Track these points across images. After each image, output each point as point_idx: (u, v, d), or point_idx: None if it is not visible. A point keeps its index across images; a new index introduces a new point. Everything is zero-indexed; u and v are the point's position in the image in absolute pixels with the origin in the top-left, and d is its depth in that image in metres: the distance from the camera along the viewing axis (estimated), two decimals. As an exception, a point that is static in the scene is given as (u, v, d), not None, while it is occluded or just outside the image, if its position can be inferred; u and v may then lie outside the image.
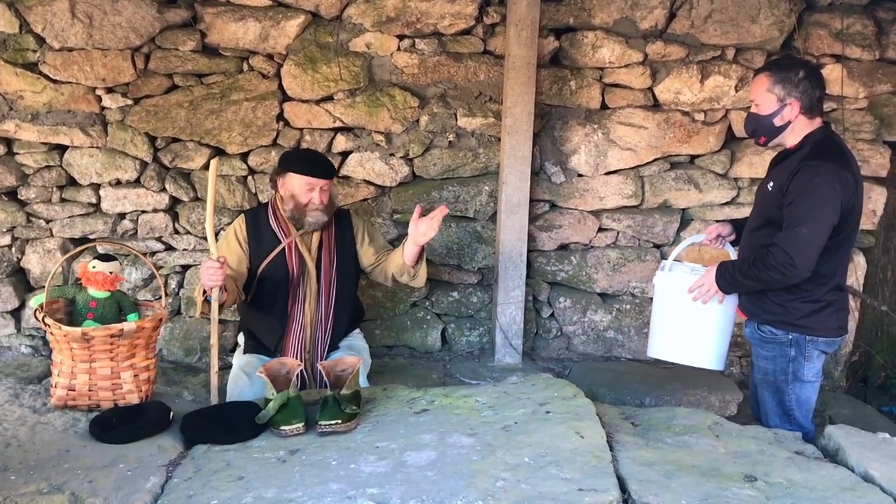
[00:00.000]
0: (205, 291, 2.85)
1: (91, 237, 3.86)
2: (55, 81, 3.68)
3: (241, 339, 3.37)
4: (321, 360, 3.15)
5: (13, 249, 3.85)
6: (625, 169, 3.95)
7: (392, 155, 3.83)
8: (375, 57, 3.76)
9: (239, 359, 3.26)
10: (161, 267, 3.89)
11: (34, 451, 2.17)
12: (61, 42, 3.63)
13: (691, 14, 3.78)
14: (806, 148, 2.56)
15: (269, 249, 3.16)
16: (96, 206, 3.84)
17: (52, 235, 3.85)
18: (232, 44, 3.68)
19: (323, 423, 2.27)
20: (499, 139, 3.80)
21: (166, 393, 3.52)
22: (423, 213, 3.03)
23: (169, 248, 3.89)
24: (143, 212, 3.84)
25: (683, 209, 4.04)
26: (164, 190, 3.81)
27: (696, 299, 2.74)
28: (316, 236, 3.21)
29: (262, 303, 3.22)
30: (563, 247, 4.03)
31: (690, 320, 2.80)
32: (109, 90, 3.72)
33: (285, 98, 3.77)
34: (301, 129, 3.79)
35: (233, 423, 2.33)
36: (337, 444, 2.21)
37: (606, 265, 4.01)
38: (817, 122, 2.61)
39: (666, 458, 2.15)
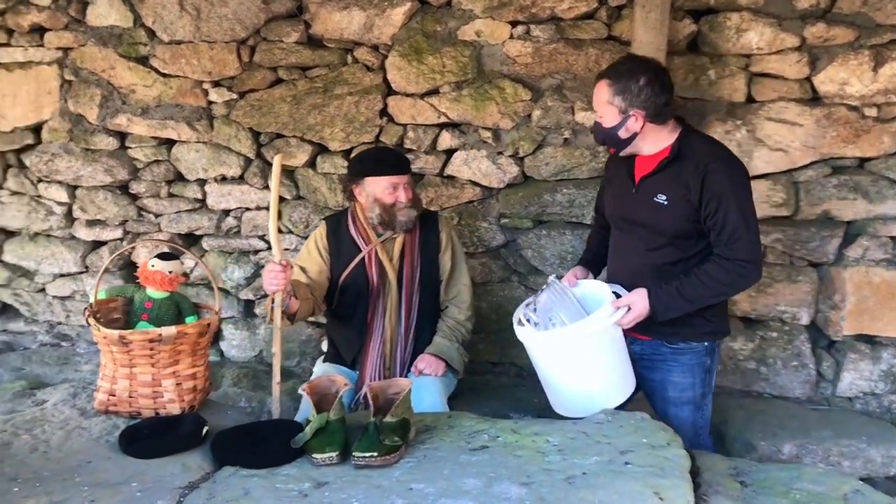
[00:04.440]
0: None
1: (197, 233, 3.82)
2: (164, 75, 3.66)
3: (324, 346, 3.17)
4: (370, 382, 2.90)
5: (124, 243, 3.88)
6: (774, 173, 3.35)
7: (500, 153, 3.47)
8: (486, 46, 3.42)
9: (319, 367, 3.06)
10: (263, 266, 3.77)
11: (56, 459, 2.03)
12: (170, 35, 3.59)
13: (864, -12, 3.15)
14: (689, 152, 2.39)
15: (349, 258, 2.94)
16: (202, 202, 3.78)
17: (160, 230, 3.84)
18: (336, 34, 3.49)
19: (357, 454, 1.96)
20: (621, 136, 3.35)
21: (252, 397, 3.38)
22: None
23: (272, 246, 3.76)
24: (247, 209, 3.74)
25: (848, 222, 3.38)
26: (266, 187, 3.68)
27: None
28: (398, 243, 2.93)
29: (342, 314, 3.00)
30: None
31: (592, 369, 2.45)
32: (216, 84, 3.64)
33: (390, 92, 3.52)
34: (404, 125, 3.53)
35: (265, 445, 2.08)
36: (368, 480, 1.90)
37: (749, 285, 3.43)
38: (671, 125, 2.45)
39: (771, 539, 1.67)
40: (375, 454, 1.96)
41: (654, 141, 2.45)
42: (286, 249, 3.74)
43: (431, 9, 3.44)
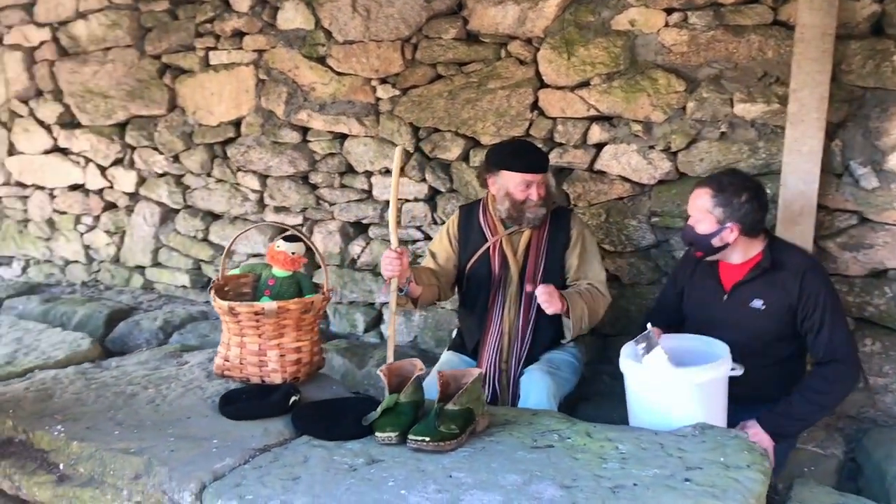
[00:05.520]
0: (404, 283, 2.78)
1: (364, 222, 4.05)
2: (338, 73, 3.93)
3: (454, 333, 3.23)
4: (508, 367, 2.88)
5: (304, 229, 4.21)
6: (974, 174, 2.86)
7: (651, 148, 3.29)
8: (639, 35, 3.26)
9: (444, 355, 3.12)
10: (421, 255, 3.91)
11: (163, 412, 2.29)
12: (343, 35, 3.85)
13: None
14: (783, 259, 2.50)
15: (476, 248, 2.97)
16: (368, 193, 4.01)
17: (333, 218, 4.13)
18: (491, 29, 3.52)
19: (411, 437, 2.02)
20: (784, 130, 3.03)
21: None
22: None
23: (427, 237, 3.89)
24: (406, 200, 3.90)
25: None
26: (423, 180, 3.81)
27: None
28: (525, 237, 2.91)
29: (467, 302, 3.07)
30: (876, 273, 3.07)
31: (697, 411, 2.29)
32: (382, 81, 3.84)
33: (542, 85, 3.49)
34: (554, 119, 3.47)
35: (337, 420, 2.19)
36: (417, 464, 1.94)
37: (940, 303, 2.96)
38: (761, 236, 2.56)
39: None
40: (428, 439, 1.99)
41: (744, 251, 2.55)
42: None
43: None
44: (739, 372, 2.36)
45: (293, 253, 2.67)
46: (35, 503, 2.03)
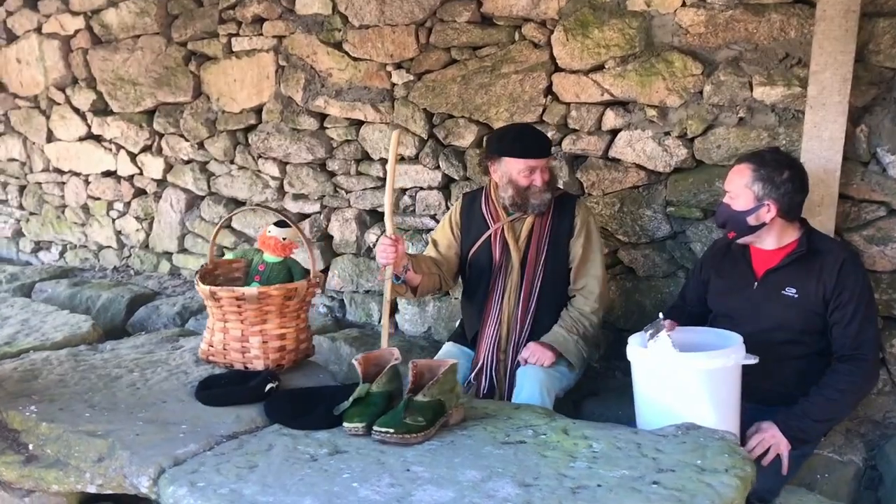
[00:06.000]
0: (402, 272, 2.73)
1: (379, 210, 4.00)
2: (354, 59, 3.88)
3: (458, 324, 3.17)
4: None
5: (321, 217, 4.18)
6: None
7: (667, 134, 3.15)
8: (656, 16, 3.12)
9: (445, 346, 3.05)
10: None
11: (139, 396, 2.28)
12: (359, 20, 3.79)
13: None
14: (821, 247, 2.41)
15: (478, 236, 2.91)
16: (383, 181, 3.94)
17: (350, 206, 4.09)
18: (505, 12, 3.42)
19: (375, 428, 1.96)
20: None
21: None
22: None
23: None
24: (420, 188, 3.84)
25: None
26: (437, 167, 3.74)
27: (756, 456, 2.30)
28: (527, 224, 2.83)
29: (468, 291, 3.01)
30: (906, 268, 2.88)
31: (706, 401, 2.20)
32: (397, 66, 3.77)
33: (556, 69, 3.37)
34: (568, 104, 3.35)
35: (309, 410, 2.14)
36: (379, 456, 1.88)
37: (975, 301, 2.75)
38: (797, 223, 2.47)
39: None
40: (392, 431, 1.93)
41: (779, 235, 2.45)
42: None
43: (601, -21, 3.23)
44: (753, 361, 2.23)
45: (284, 239, 2.63)
46: (4, 483, 2.03)
